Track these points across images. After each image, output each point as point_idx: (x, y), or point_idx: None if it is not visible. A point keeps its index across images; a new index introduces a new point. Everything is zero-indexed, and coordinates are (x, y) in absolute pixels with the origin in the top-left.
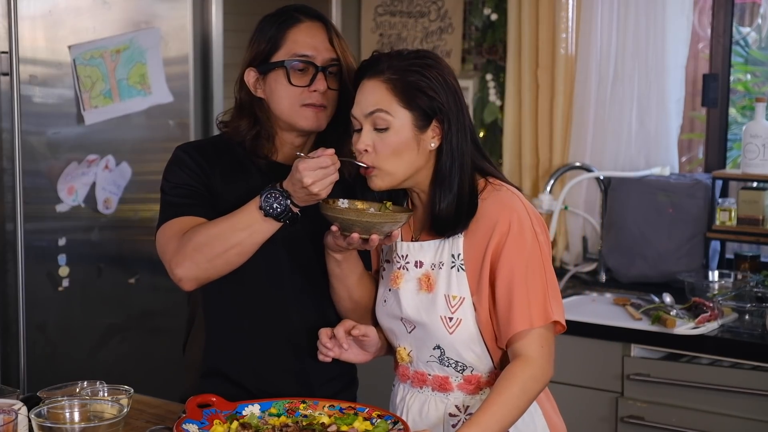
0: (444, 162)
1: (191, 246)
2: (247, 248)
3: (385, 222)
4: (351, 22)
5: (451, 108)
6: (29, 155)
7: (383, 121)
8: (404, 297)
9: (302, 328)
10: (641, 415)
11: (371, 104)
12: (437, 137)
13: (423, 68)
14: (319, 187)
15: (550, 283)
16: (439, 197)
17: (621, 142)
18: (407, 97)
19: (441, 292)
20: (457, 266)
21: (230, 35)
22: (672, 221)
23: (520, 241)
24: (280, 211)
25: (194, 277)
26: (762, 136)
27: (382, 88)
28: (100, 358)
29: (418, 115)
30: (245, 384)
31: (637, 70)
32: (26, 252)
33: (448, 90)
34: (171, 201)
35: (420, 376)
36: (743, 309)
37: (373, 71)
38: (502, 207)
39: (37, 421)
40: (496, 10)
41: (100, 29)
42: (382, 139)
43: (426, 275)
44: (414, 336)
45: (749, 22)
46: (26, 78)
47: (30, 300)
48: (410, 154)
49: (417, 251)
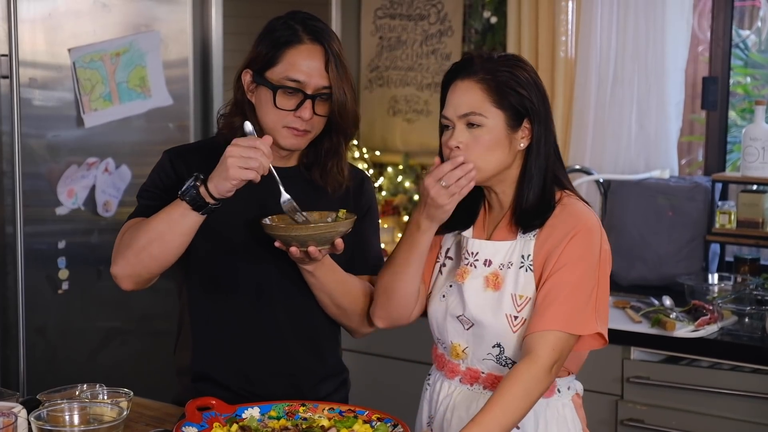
0: (532, 161)
1: (123, 244)
2: (168, 241)
3: (314, 234)
4: (351, 25)
5: (540, 109)
6: (29, 158)
7: (477, 121)
8: (468, 293)
9: (290, 331)
10: (641, 418)
11: (465, 106)
12: (526, 138)
13: (514, 69)
14: (232, 160)
15: (599, 298)
16: (526, 193)
17: (621, 145)
18: (500, 96)
19: (508, 291)
20: (525, 266)
21: (230, 38)
22: (672, 224)
23: (583, 250)
24: (192, 194)
25: (127, 274)
26: (761, 139)
27: (476, 89)
28: (100, 361)
29: (510, 114)
30: (234, 388)
31: (637, 73)
32: (26, 255)
33: (537, 91)
34: (139, 202)
35: (473, 373)
36: (743, 312)
37: (466, 72)
38: (576, 217)
39: (37, 424)
40: (495, 13)
41: (100, 32)
42: (475, 137)
43: (494, 274)
44: (472, 333)
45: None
46: (26, 81)
47: (30, 303)
48: (501, 153)
49: (488, 249)
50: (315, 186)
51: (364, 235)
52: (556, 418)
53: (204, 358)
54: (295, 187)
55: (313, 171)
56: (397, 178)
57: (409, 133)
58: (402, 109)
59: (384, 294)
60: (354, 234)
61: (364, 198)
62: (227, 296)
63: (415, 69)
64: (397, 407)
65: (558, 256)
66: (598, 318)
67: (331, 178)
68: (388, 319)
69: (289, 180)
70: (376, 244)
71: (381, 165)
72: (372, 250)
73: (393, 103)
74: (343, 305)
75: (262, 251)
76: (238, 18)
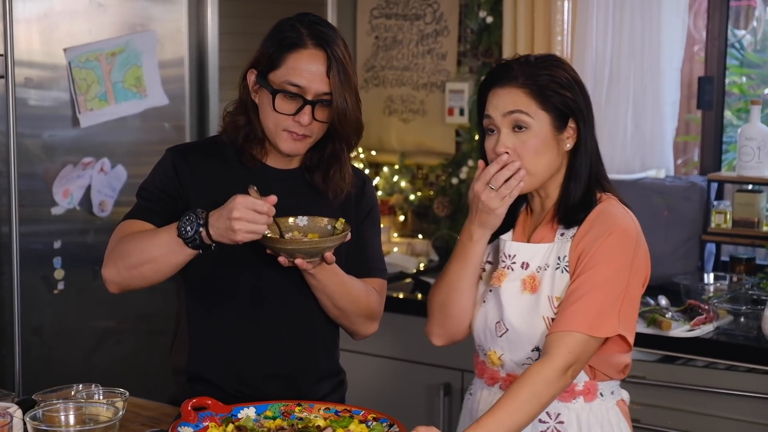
0: (579, 160)
1: (118, 251)
2: (162, 267)
3: (301, 248)
4: (347, 25)
5: (583, 108)
6: (24, 158)
7: (523, 122)
8: (505, 297)
9: (286, 333)
10: (637, 418)
11: (510, 105)
12: (572, 138)
13: (552, 70)
14: (240, 225)
15: (626, 302)
16: (573, 191)
17: (616, 145)
18: (543, 99)
19: (545, 293)
20: (561, 268)
21: (226, 38)
22: (667, 224)
23: (616, 251)
24: (190, 236)
25: (116, 282)
26: (757, 139)
27: (519, 93)
28: (96, 361)
29: (555, 116)
30: (230, 390)
31: (633, 73)
32: (21, 255)
33: (579, 89)
34: (137, 201)
35: (513, 379)
36: (738, 311)
37: (505, 79)
38: (613, 219)
39: (33, 424)
40: (491, 12)
41: (95, 32)
42: (522, 141)
43: (531, 276)
44: (506, 339)
45: (744, 25)
46: (21, 81)
47: (25, 303)
48: (550, 155)
49: (526, 252)
50: (316, 189)
51: (365, 238)
52: (600, 422)
53: (200, 359)
54: (296, 190)
55: (315, 175)
56: (393, 177)
57: (405, 133)
58: (398, 108)
59: (440, 311)
60: (355, 237)
61: (365, 201)
62: (224, 299)
63: (411, 69)
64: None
65: (590, 255)
66: (620, 321)
67: (333, 184)
68: (446, 336)
69: (289, 182)
70: (377, 246)
71: (377, 165)
72: (372, 253)
73: (389, 103)
74: (344, 307)
75: (260, 254)
76: (234, 18)
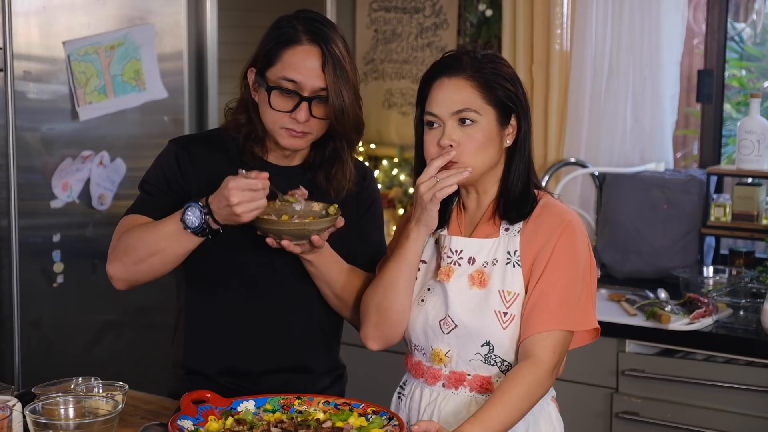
0: (518, 156)
1: (122, 247)
2: (169, 257)
3: (286, 229)
4: (346, 18)
5: (525, 104)
6: (23, 151)
7: (470, 117)
8: (453, 292)
9: (285, 327)
10: (636, 411)
11: (458, 103)
12: (511, 135)
13: (497, 64)
14: (242, 208)
15: (588, 293)
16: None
17: (616, 138)
18: (488, 90)
19: (495, 287)
20: (513, 262)
21: (225, 31)
22: (667, 217)
23: (572, 247)
24: (197, 225)
25: (123, 278)
26: (757, 132)
27: (467, 86)
28: (95, 355)
29: (500, 111)
30: (227, 384)
31: (632, 66)
32: (21, 248)
33: (520, 86)
34: (140, 195)
35: (458, 376)
36: (738, 305)
37: (454, 69)
38: (560, 215)
39: (32, 417)
40: (490, 5)
41: (94, 25)
42: (468, 135)
43: (479, 272)
44: (455, 335)
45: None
46: (20, 74)
47: (24, 296)
48: (492, 150)
49: (473, 247)
50: (317, 186)
51: (366, 230)
52: (543, 418)
53: (196, 354)
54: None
55: (317, 174)
56: (392, 171)
57: (404, 126)
58: (397, 102)
59: (376, 313)
60: (357, 231)
61: (365, 194)
62: (223, 291)
63: (410, 62)
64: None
65: (549, 254)
66: (584, 315)
67: (336, 183)
68: (382, 339)
69: (291, 179)
70: (378, 238)
71: (376, 158)
72: (374, 245)
73: (388, 96)
74: (344, 296)
75: (259, 247)
76: (233, 11)
